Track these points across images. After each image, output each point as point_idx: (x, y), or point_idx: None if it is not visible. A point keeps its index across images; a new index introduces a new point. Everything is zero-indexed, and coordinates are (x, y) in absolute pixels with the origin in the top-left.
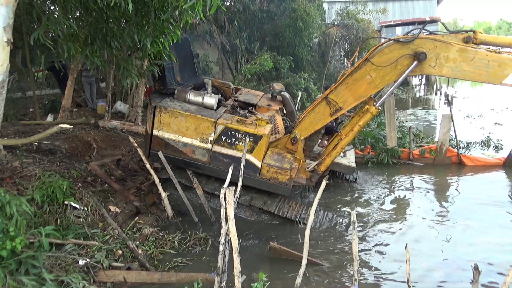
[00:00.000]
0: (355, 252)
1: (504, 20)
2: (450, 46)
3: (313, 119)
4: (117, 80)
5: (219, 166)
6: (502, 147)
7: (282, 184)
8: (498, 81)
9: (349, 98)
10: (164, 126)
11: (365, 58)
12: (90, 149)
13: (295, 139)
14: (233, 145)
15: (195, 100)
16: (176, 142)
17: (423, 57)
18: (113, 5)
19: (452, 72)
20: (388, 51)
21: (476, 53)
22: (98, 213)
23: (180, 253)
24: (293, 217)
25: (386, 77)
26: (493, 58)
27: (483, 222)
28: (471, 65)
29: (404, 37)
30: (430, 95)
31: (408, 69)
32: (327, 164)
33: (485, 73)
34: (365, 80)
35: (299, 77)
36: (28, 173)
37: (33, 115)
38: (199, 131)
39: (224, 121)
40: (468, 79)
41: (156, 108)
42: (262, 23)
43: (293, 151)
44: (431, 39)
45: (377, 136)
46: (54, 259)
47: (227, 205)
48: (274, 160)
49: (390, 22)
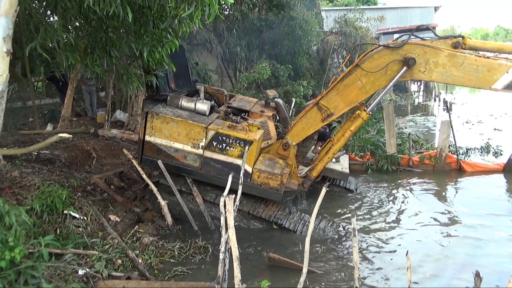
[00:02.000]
0: (355, 260)
1: (501, 27)
2: (439, 52)
3: (305, 125)
4: (117, 89)
5: (210, 172)
6: (502, 152)
7: (273, 190)
8: (488, 86)
9: (340, 104)
10: (156, 131)
11: (356, 64)
12: (89, 158)
13: (287, 145)
14: (224, 151)
15: (187, 106)
16: (168, 148)
17: (412, 62)
18: (112, 14)
19: (442, 77)
20: (378, 56)
21: (465, 58)
22: (97, 222)
23: (180, 262)
24: (267, 217)
25: (376, 82)
26: (482, 63)
27: (484, 229)
28: (461, 70)
29: (394, 43)
30: (429, 101)
31: (398, 75)
32: (319, 169)
33: (475, 78)
34: (355, 86)
35: (298, 85)
36: (28, 183)
37: (33, 125)
38: (191, 136)
39: (215, 127)
40: (458, 84)
41: (148, 113)
42: (261, 31)
43: (285, 157)
44: (420, 45)
45: (376, 143)
46: (53, 269)
47: (227, 213)
48: (265, 166)
49: (388, 29)
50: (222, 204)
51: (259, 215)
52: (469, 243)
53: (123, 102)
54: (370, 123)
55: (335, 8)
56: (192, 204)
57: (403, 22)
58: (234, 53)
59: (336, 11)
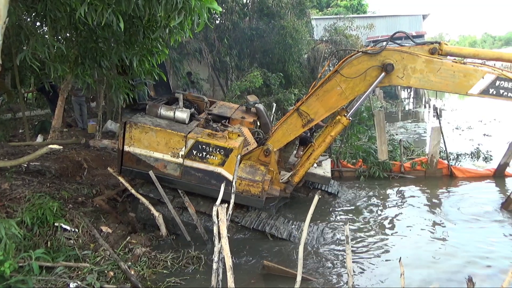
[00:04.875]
0: (349, 267)
1: (488, 34)
2: (416, 57)
3: (286, 131)
4: (108, 100)
5: (191, 180)
6: (492, 158)
7: (254, 197)
8: (464, 91)
9: (320, 109)
10: (135, 141)
11: (335, 69)
12: (81, 169)
13: (268, 151)
14: (204, 159)
15: (166, 114)
16: (148, 158)
17: (390, 68)
18: (103, 25)
19: (420, 82)
20: (356, 62)
21: (442, 64)
22: (89, 234)
23: (173, 273)
24: (248, 224)
25: (355, 88)
26: (458, 69)
27: (476, 234)
28: (438, 76)
29: (372, 49)
30: (419, 108)
31: (376, 80)
32: (301, 175)
33: (452, 83)
34: (335, 92)
35: (289, 93)
36: (18, 195)
37: (23, 136)
38: (170, 145)
39: (195, 135)
40: (435, 90)
41: (126, 123)
42: (251, 40)
43: (266, 163)
44: (398, 51)
45: (368, 150)
46: (44, 282)
47: (220, 222)
48: (246, 173)
49: (377, 37)
50: (214, 213)
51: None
52: (461, 248)
53: (114, 112)
54: (362, 130)
55: (325, 17)
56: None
57: (392, 30)
58: (225, 62)
59: (326, 20)
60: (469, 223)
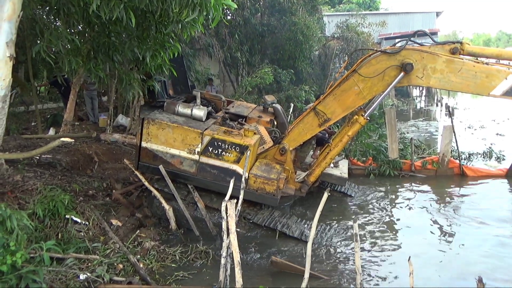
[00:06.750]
0: (357, 265)
1: (503, 32)
2: (436, 57)
3: (302, 130)
4: (119, 94)
5: (206, 177)
6: (504, 157)
7: (269, 195)
8: (486, 92)
9: (337, 109)
10: (152, 137)
11: (353, 69)
12: (91, 163)
13: (284, 150)
14: (220, 156)
15: (183, 112)
16: (164, 154)
17: (409, 68)
18: (115, 19)
19: (440, 83)
20: (375, 62)
21: (463, 64)
22: (99, 227)
23: (181, 267)
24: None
25: (373, 88)
26: (480, 69)
27: (486, 234)
28: (459, 76)
29: (391, 48)
30: (431, 106)
31: (395, 80)
32: (317, 175)
33: (473, 84)
34: (353, 91)
35: (300, 90)
36: (30, 187)
37: (35, 129)
38: (186, 142)
39: (211, 132)
40: (456, 90)
41: (144, 120)
42: (262, 36)
43: (282, 162)
44: (418, 50)
45: (378, 148)
46: (54, 273)
47: (229, 218)
48: (261, 171)
49: (390, 34)
50: (223, 209)
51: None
52: (471, 248)
53: (125, 107)
54: (372, 128)
55: (337, 14)
56: (189, 209)
57: (405, 27)
58: (236, 58)
59: (338, 17)
60: (479, 223)
